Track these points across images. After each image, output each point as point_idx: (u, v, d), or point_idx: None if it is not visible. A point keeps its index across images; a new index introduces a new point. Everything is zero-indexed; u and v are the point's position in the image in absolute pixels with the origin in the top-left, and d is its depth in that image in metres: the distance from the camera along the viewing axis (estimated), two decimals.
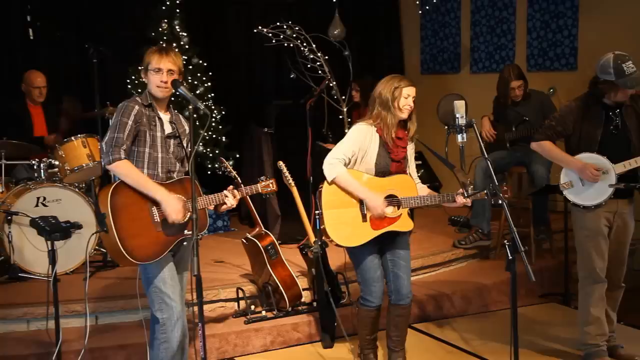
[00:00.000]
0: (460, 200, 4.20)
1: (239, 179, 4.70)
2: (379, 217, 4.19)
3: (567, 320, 5.47)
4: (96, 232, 4.00)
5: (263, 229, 5.36)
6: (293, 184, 5.33)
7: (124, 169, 3.74)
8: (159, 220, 3.79)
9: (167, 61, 3.87)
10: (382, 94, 4.24)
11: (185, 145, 4.00)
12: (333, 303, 5.01)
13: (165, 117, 3.96)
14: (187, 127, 4.05)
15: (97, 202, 3.76)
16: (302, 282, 5.49)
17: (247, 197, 5.18)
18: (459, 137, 3.85)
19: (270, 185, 4.30)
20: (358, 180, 4.21)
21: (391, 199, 4.24)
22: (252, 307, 5.32)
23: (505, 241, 3.58)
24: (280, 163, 5.36)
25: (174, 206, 3.78)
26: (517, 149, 6.44)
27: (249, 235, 5.33)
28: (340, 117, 7.19)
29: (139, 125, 3.82)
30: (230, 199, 4.03)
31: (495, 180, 3.80)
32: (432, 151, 4.19)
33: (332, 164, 4.19)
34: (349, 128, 7.45)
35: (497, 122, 6.66)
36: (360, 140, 4.24)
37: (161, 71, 3.86)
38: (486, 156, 3.81)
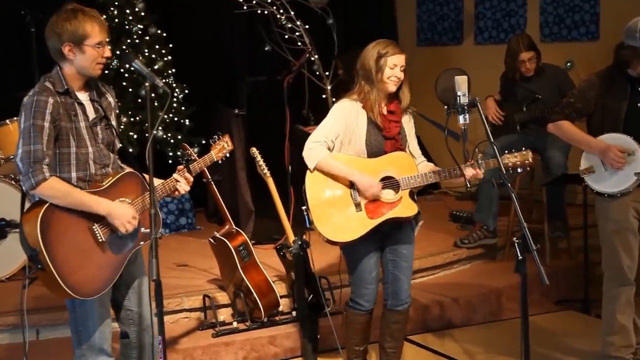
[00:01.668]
0: (469, 172, 4.14)
1: (195, 156, 4.61)
2: (375, 200, 4.17)
3: (587, 330, 5.52)
4: (31, 271, 3.72)
5: (234, 226, 5.36)
6: (269, 174, 5.34)
7: (52, 191, 3.52)
8: (104, 239, 3.63)
9: (106, 30, 3.69)
10: (365, 64, 4.24)
11: (114, 122, 3.83)
12: (316, 312, 5.03)
13: (84, 97, 3.74)
14: (111, 99, 3.87)
15: (24, 234, 3.54)
16: (280, 288, 5.50)
17: (215, 189, 5.20)
18: (461, 118, 3.86)
19: (225, 145, 4.24)
20: (345, 163, 4.20)
21: (388, 181, 4.23)
22: (222, 317, 5.33)
23: (515, 239, 3.60)
24: (254, 150, 5.36)
25: (122, 215, 3.64)
26: (529, 132, 6.47)
27: (217, 234, 5.33)
28: (324, 96, 7.18)
29: (58, 123, 3.58)
30: (182, 183, 3.92)
31: (504, 169, 3.82)
32: (430, 121, 4.18)
33: (312, 149, 4.19)
34: None
35: (505, 101, 6.69)
36: (344, 120, 4.23)
37: (102, 44, 3.66)
38: (492, 140, 3.83)
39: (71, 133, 3.63)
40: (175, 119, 7.36)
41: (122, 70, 6.88)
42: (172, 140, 7.28)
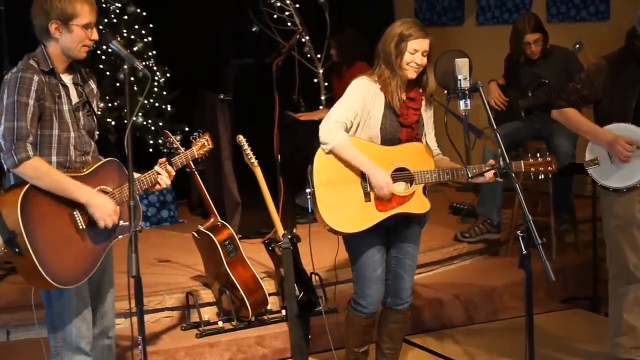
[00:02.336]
0: (489, 173, 4.16)
1: (181, 148, 4.62)
2: (387, 198, 4.16)
3: (596, 330, 5.54)
4: (9, 256, 3.67)
5: (219, 219, 5.36)
6: (256, 163, 5.33)
7: (35, 171, 3.55)
8: (84, 226, 3.66)
9: (95, 12, 3.75)
10: (385, 46, 4.19)
11: (96, 110, 3.88)
12: (307, 311, 5.03)
13: (68, 80, 3.79)
14: (94, 86, 3.93)
15: (1, 216, 3.53)
16: (269, 285, 5.50)
17: (199, 179, 5.19)
18: (461, 103, 3.85)
19: (206, 142, 4.28)
20: (360, 148, 4.16)
21: (401, 173, 4.21)
22: (206, 316, 5.33)
23: (519, 232, 3.60)
24: (240, 138, 5.35)
25: (103, 207, 3.66)
26: (535, 119, 6.48)
27: (201, 228, 5.33)
28: (315, 80, 7.19)
29: (42, 102, 3.62)
30: (164, 176, 3.96)
31: (507, 158, 3.82)
32: (451, 112, 4.13)
33: (331, 129, 4.12)
34: (326, 94, 7.54)
35: (509, 86, 6.69)
36: (362, 99, 4.18)
37: (90, 26, 3.71)
38: (495, 128, 3.83)
39: (54, 114, 3.67)
40: (156, 104, 7.35)
41: (98, 52, 6.86)
42: (152, 128, 7.27)
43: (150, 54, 7.31)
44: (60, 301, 3.74)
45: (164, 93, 7.42)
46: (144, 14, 7.35)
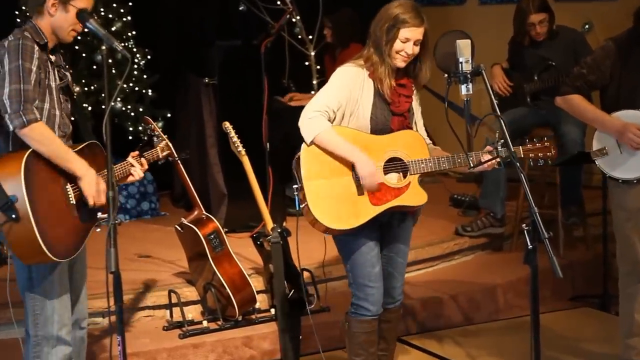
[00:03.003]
0: (487, 159, 4.11)
1: (163, 135, 4.63)
2: (369, 190, 4.11)
3: (606, 330, 5.55)
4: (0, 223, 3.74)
5: (204, 212, 5.36)
6: (244, 152, 5.33)
7: (41, 135, 3.69)
8: (74, 201, 3.79)
9: (93, 1, 3.92)
10: (376, 28, 4.14)
11: (73, 95, 4.02)
12: (297, 309, 5.04)
13: (54, 59, 3.94)
14: (68, 73, 4.07)
15: None
16: (257, 283, 5.51)
17: (182, 169, 5.19)
18: (463, 88, 3.85)
19: (165, 147, 4.41)
20: (348, 138, 4.11)
21: (395, 164, 4.18)
22: (190, 316, 5.34)
23: (524, 226, 3.61)
24: (227, 125, 5.35)
25: (97, 184, 3.78)
26: (541, 105, 6.48)
27: (184, 221, 5.33)
28: (307, 63, 7.17)
29: (40, 73, 3.77)
30: (137, 168, 4.07)
31: (511, 147, 3.82)
32: (442, 98, 4.12)
33: (312, 119, 4.07)
34: (318, 78, 7.53)
35: (514, 69, 6.69)
36: (348, 88, 4.13)
37: (86, 11, 3.86)
38: (499, 114, 3.83)
39: (47, 89, 3.81)
40: (136, 88, 7.33)
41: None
42: (132, 113, 7.25)
43: (129, 34, 7.29)
44: (43, 285, 3.81)
45: (145, 76, 7.40)
46: None
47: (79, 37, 4.05)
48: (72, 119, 4.02)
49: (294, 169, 4.15)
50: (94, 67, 7.07)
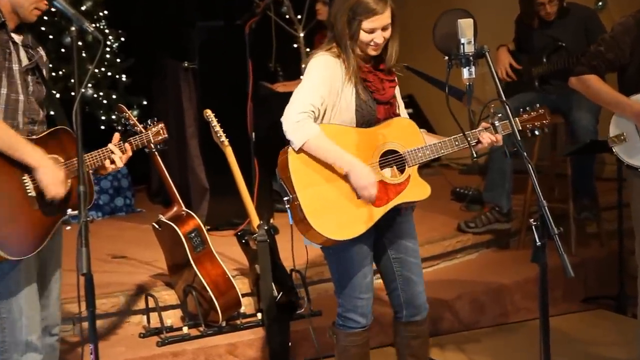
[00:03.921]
0: (486, 138, 4.09)
1: (139, 125, 4.63)
2: (378, 182, 4.02)
3: (622, 334, 5.57)
4: None
5: (183, 208, 5.36)
6: (227, 142, 5.33)
7: None
8: (34, 193, 3.77)
9: None
10: (336, 21, 4.05)
11: (46, 78, 3.99)
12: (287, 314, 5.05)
13: (18, 39, 3.90)
14: (43, 53, 4.04)
15: None
16: (242, 285, 5.52)
17: (160, 161, 5.19)
18: (465, 72, 3.85)
19: (161, 131, 4.33)
20: (336, 138, 4.02)
21: (390, 157, 4.11)
22: (169, 321, 5.34)
23: (532, 221, 3.62)
24: (208, 112, 5.35)
25: (53, 175, 3.77)
26: (551, 90, 6.50)
27: (162, 218, 5.33)
28: (295, 45, 7.18)
29: None
30: (118, 156, 4.02)
31: (518, 135, 3.83)
32: (423, 75, 4.07)
33: (299, 122, 3.96)
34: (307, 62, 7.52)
35: (521, 51, 6.71)
36: (328, 80, 4.05)
37: None
38: (505, 100, 3.84)
39: (4, 72, 3.78)
40: (109, 73, 7.34)
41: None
42: (104, 101, 7.26)
43: (101, 14, 7.29)
44: (7, 285, 3.79)
45: (118, 60, 7.41)
46: None
47: (45, 17, 4.04)
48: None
49: (281, 179, 4.07)
50: (62, 50, 7.07)
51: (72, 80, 6.62)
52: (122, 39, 7.45)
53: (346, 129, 4.07)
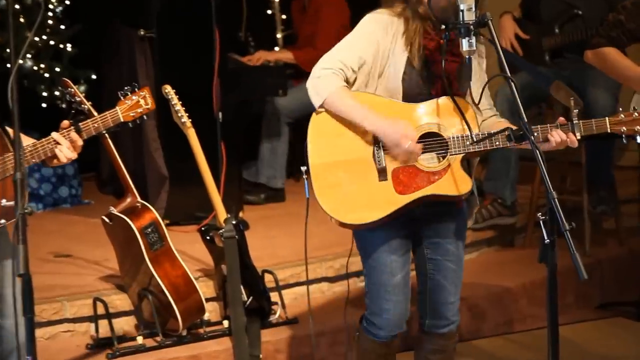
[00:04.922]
0: (557, 137, 3.96)
1: (86, 103, 4.61)
2: (409, 166, 3.96)
3: None
4: None
5: (138, 199, 5.35)
6: (189, 123, 5.32)
7: None
8: None
9: None
10: None
11: None
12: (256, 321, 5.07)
13: None
14: None
15: None
16: (206, 288, 5.53)
17: (111, 144, 5.17)
18: (464, 43, 3.84)
19: (142, 102, 4.23)
20: (367, 103, 3.95)
21: (430, 140, 3.99)
22: (120, 330, 5.34)
23: (540, 215, 3.63)
24: (168, 88, 5.34)
25: None
26: (564, 64, 6.52)
27: (114, 211, 5.32)
28: (270, 11, 7.18)
29: None
30: (65, 147, 3.93)
31: (524, 116, 3.82)
32: (509, 54, 4.00)
33: (321, 78, 3.94)
34: (284, 31, 7.53)
35: (529, 19, 6.72)
36: (375, 41, 3.98)
37: None
38: (509, 76, 3.84)
39: None
40: (52, 42, 7.31)
41: None
42: (46, 75, 7.23)
43: None
44: None
45: (62, 27, 7.38)
46: None
47: None
48: None
49: (305, 147, 4.03)
50: None
51: (8, 50, 6.59)
52: (67, 2, 7.42)
53: (380, 99, 4.00)
